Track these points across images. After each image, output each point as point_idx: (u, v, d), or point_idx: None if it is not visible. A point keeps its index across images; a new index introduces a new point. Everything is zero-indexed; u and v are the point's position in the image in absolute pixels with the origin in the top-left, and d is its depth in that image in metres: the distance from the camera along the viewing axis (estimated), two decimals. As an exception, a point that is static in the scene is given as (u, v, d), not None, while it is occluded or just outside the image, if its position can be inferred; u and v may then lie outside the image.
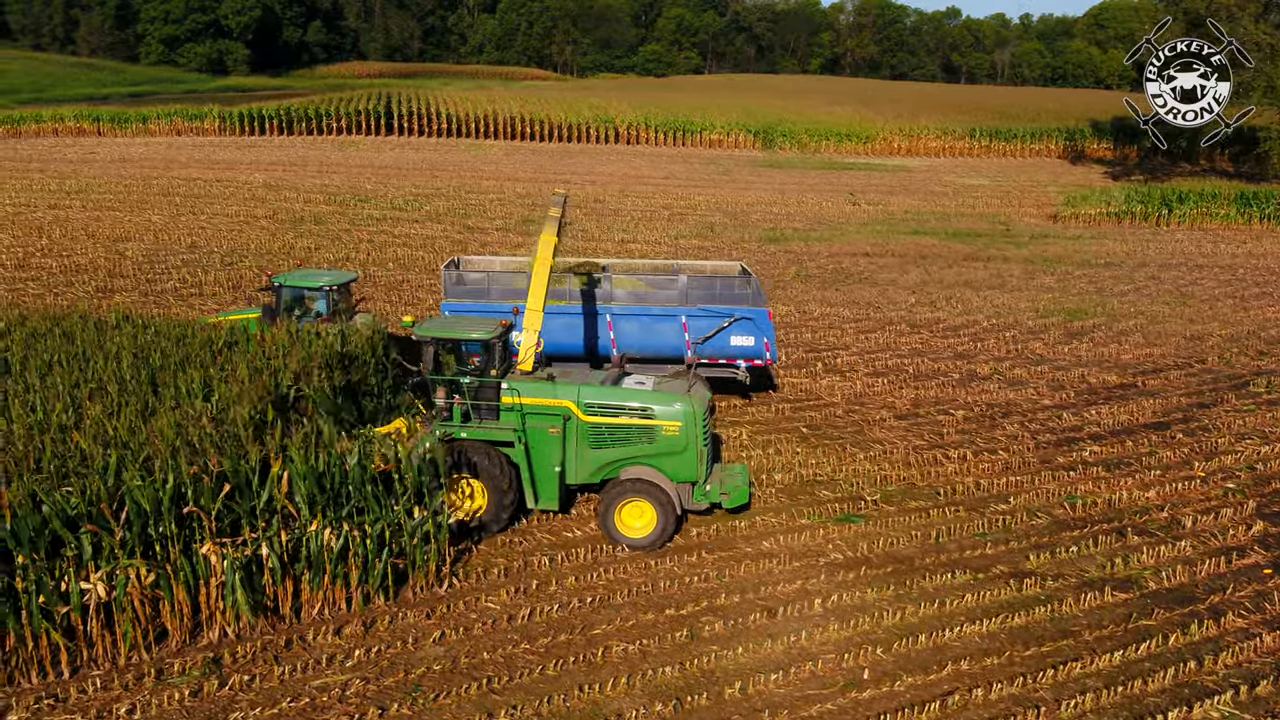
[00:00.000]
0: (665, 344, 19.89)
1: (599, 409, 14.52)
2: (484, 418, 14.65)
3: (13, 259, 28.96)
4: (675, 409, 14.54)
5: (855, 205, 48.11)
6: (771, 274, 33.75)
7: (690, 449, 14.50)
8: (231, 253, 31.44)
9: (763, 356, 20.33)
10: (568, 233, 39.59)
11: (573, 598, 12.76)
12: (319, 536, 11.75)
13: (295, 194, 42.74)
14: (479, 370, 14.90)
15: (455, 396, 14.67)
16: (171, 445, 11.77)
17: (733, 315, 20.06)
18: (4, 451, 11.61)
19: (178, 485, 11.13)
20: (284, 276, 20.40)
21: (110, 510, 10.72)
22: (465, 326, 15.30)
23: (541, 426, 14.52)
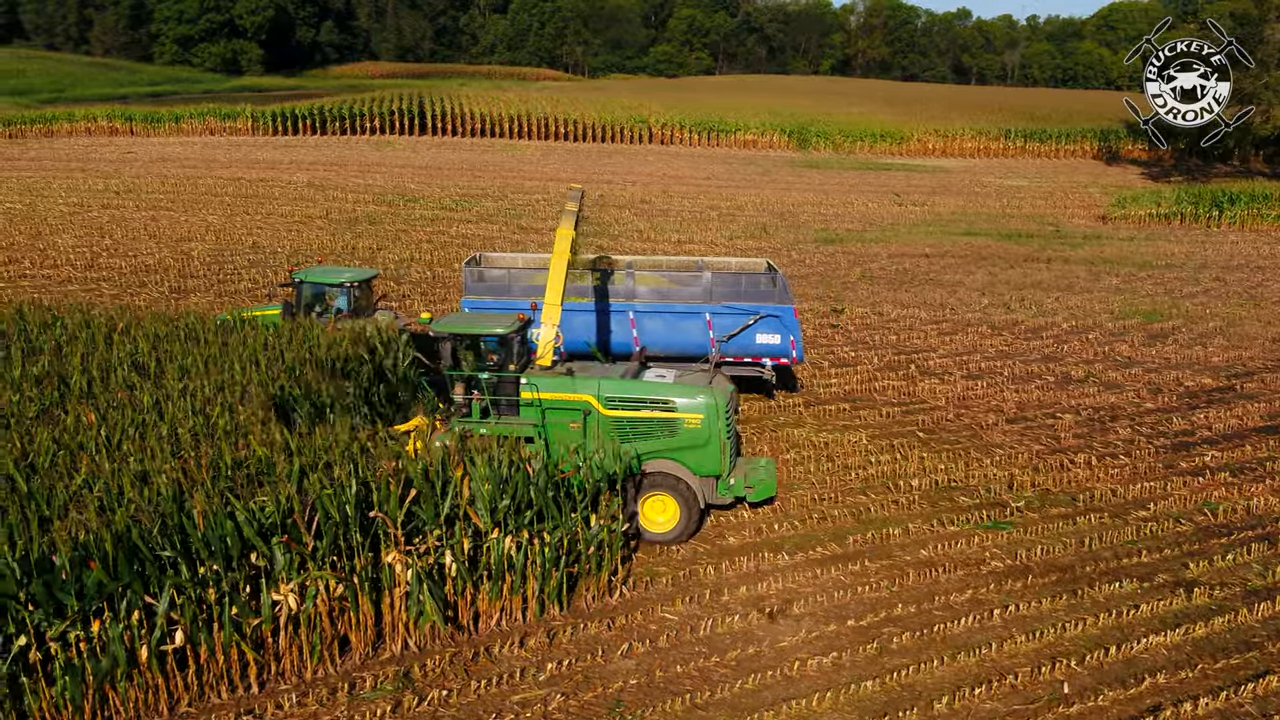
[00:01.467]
0: (689, 341, 19.47)
1: (620, 403, 14.33)
2: (503, 413, 14.48)
3: (81, 259, 28.57)
4: (697, 401, 14.31)
5: (901, 206, 47.78)
6: (836, 275, 33.42)
7: (713, 442, 14.23)
8: (295, 253, 31.07)
9: (789, 355, 19.88)
10: (622, 231, 39.45)
11: (748, 608, 12.39)
12: (500, 544, 11.37)
13: (341, 194, 42.38)
14: (497, 366, 14.68)
15: (474, 392, 14.47)
16: (345, 449, 11.40)
17: (758, 313, 19.62)
18: (177, 457, 11.24)
19: (363, 492, 10.76)
20: (305, 272, 20.09)
21: (302, 519, 10.35)
22: (483, 322, 15.09)
23: (562, 421, 14.31)
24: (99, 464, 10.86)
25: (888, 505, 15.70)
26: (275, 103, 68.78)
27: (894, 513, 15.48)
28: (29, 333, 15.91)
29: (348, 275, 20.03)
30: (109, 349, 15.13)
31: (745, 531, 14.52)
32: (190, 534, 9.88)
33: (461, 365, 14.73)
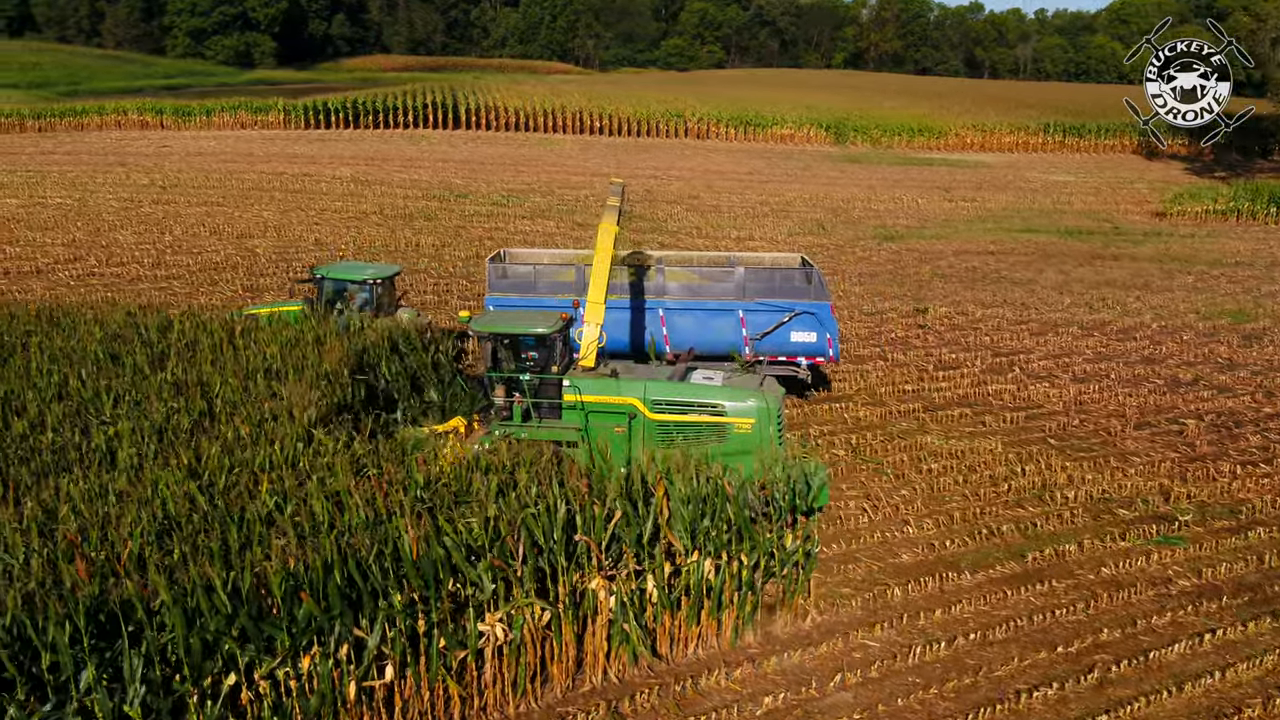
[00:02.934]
0: (721, 340, 18.68)
1: (667, 406, 13.77)
2: (545, 416, 13.85)
3: (147, 257, 27.81)
4: (748, 405, 13.75)
5: (952, 202, 47.05)
6: (907, 273, 32.73)
7: (764, 447, 13.57)
8: (360, 251, 30.32)
9: (825, 353, 19.12)
10: (679, 227, 38.70)
11: (951, 633, 11.70)
12: (699, 567, 10.67)
13: (387, 189, 41.60)
14: (539, 367, 14.03)
15: (515, 395, 13.83)
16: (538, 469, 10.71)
17: (793, 309, 18.86)
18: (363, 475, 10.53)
19: (569, 514, 10.05)
20: (326, 268, 19.36)
21: (514, 541, 9.64)
22: (524, 321, 14.43)
23: (606, 425, 13.75)
24: (282, 481, 10.14)
25: (1050, 519, 15.01)
26: (291, 96, 67.66)
27: (1059, 527, 14.79)
28: (146, 336, 15.19)
29: (370, 272, 19.31)
30: (235, 354, 14.42)
31: (917, 549, 13.82)
32: (404, 560, 9.17)
33: (501, 366, 14.11)
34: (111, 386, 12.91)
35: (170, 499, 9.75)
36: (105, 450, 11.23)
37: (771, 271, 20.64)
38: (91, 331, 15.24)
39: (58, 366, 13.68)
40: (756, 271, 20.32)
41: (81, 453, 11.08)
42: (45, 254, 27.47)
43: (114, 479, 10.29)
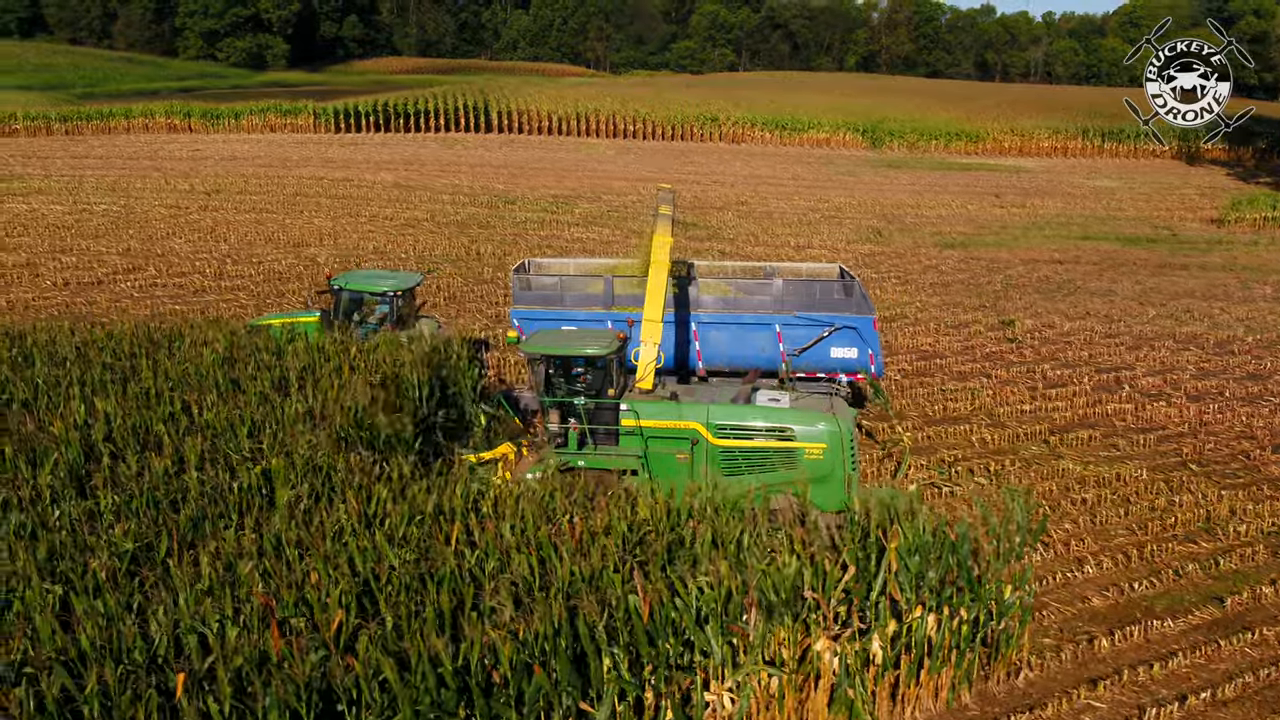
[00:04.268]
0: (757, 355, 17.72)
1: (732, 431, 12.84)
2: (602, 443, 12.95)
3: (208, 267, 26.82)
4: (819, 429, 12.83)
5: (1003, 208, 46.13)
6: (978, 284, 31.81)
7: (837, 474, 12.71)
8: (423, 259, 29.36)
9: (867, 370, 18.09)
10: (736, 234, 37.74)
11: (1177, 690, 10.74)
12: (923, 623, 9.70)
13: (431, 195, 40.65)
14: (594, 390, 13.12)
15: (570, 420, 12.92)
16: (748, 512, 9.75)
17: (833, 324, 17.87)
18: (550, 523, 9.55)
19: (798, 568, 9.09)
20: (344, 278, 18.30)
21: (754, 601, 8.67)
22: (577, 341, 13.52)
23: (667, 451, 12.86)
24: (482, 527, 9.16)
25: (1230, 556, 14.05)
26: (306, 98, 66.46)
27: (1242, 565, 13.84)
28: (260, 357, 14.22)
29: (391, 283, 18.30)
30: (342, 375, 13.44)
31: (1105, 591, 12.85)
32: (634, 624, 8.20)
33: (555, 389, 13.20)
34: (243, 416, 11.92)
35: (358, 554, 8.78)
36: (259, 492, 10.26)
37: (811, 284, 19.56)
38: (201, 352, 14.26)
39: (178, 392, 12.70)
40: (795, 283, 19.33)
41: (237, 495, 10.11)
42: (102, 263, 26.49)
43: (284, 528, 9.31)
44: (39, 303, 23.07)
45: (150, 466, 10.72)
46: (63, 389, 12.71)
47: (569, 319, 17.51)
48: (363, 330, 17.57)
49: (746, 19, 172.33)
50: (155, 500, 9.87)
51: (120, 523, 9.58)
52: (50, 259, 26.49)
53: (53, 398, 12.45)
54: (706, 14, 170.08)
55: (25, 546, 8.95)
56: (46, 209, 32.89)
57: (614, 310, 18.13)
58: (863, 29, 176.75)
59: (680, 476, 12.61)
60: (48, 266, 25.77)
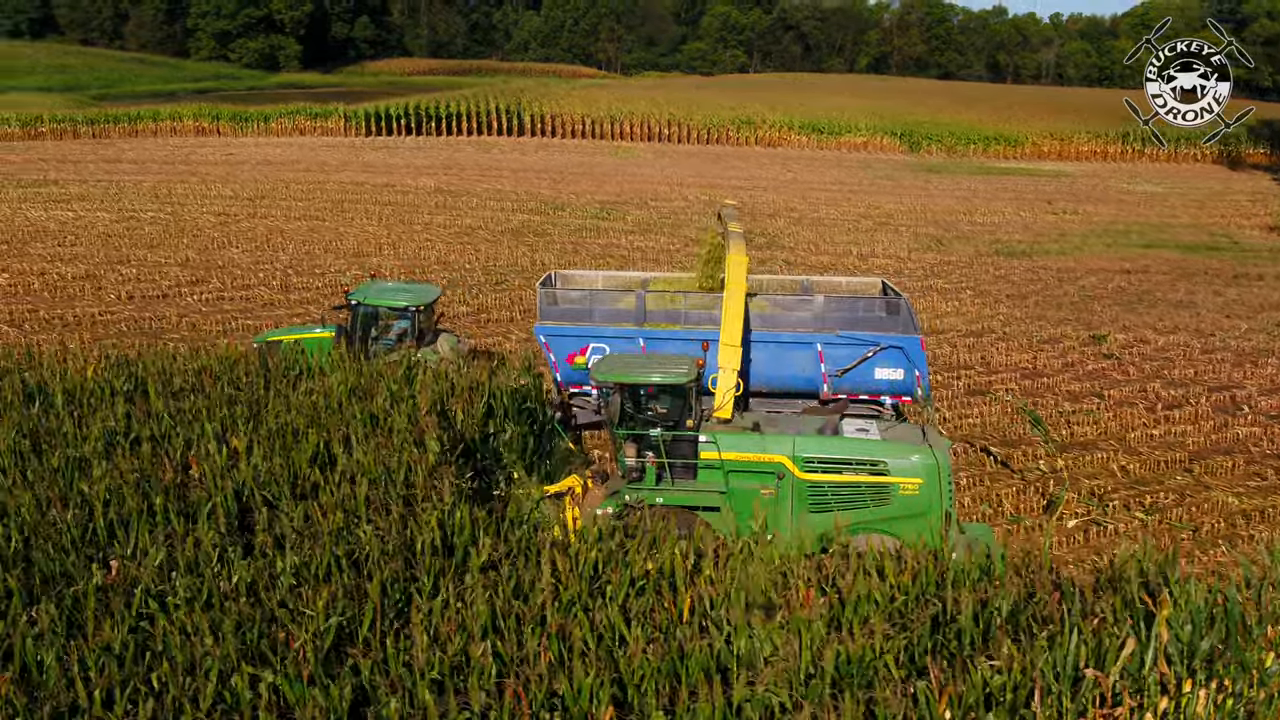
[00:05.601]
0: (796, 375, 16.44)
1: (820, 464, 12.00)
2: (679, 477, 12.09)
3: (272, 279, 25.84)
4: (913, 462, 11.99)
5: (1056, 215, 45.22)
6: (1053, 295, 30.92)
7: (933, 510, 11.84)
8: (489, 270, 28.41)
9: (913, 392, 16.75)
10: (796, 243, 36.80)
11: None
12: (1193, 701, 8.70)
13: (478, 201, 39.69)
14: (671, 420, 12.22)
15: (649, 454, 12.03)
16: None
17: (878, 343, 16.62)
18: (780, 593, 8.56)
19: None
20: (362, 292, 17.31)
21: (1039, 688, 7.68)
22: (654, 368, 12.57)
23: (749, 487, 12.01)
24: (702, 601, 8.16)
25: None
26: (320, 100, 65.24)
27: None
28: (390, 385, 13.22)
29: (409, 297, 17.39)
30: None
31: None
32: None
33: (631, 420, 12.31)
34: (402, 462, 10.93)
35: (587, 629, 7.79)
36: (442, 548, 9.28)
37: (854, 300, 18.39)
38: (326, 381, 13.28)
39: (314, 428, 11.71)
40: (838, 300, 18.16)
41: (424, 553, 9.11)
42: (163, 275, 25.52)
43: (493, 596, 8.31)
44: (105, 317, 22.11)
45: (313, 518, 9.74)
46: (192, 425, 11.72)
47: (597, 335, 16.47)
48: (380, 346, 16.70)
49: (758, 20, 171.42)
50: (337, 560, 8.88)
51: (301, 585, 8.60)
52: (109, 270, 25.53)
53: (182, 435, 11.46)
54: (717, 15, 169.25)
55: (211, 620, 7.96)
56: (93, 216, 31.91)
57: (646, 327, 17.33)
58: (874, 30, 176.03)
59: (763, 514, 11.71)
60: (109, 279, 24.81)
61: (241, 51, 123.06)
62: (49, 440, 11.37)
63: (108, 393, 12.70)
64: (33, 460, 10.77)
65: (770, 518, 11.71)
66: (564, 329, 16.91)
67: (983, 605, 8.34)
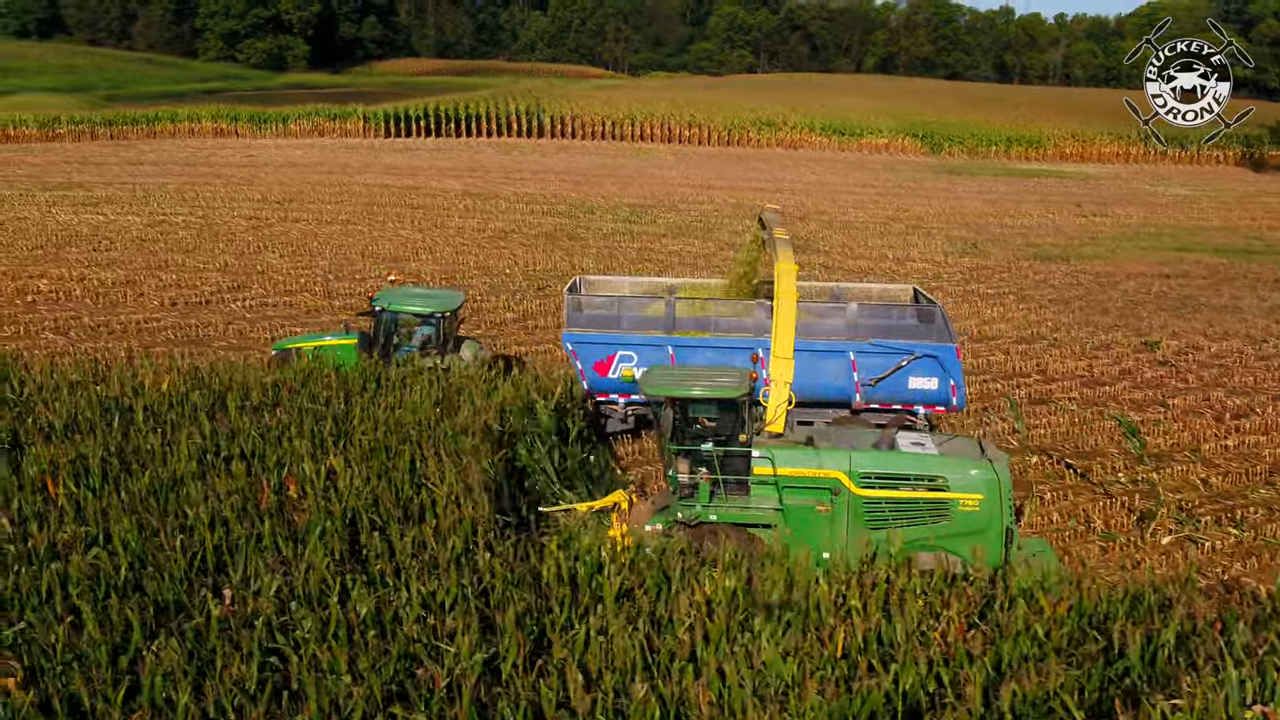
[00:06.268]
0: (828, 385, 16.34)
1: (877, 480, 11.64)
2: (732, 493, 11.75)
3: (314, 284, 25.45)
4: (974, 478, 11.63)
5: (1085, 218, 44.85)
6: (1097, 300, 30.52)
7: (993, 528, 11.50)
8: (530, 276, 28.02)
9: (948, 402, 16.76)
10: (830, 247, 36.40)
11: None
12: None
13: (507, 204, 39.29)
14: (723, 434, 11.91)
15: (702, 470, 11.68)
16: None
17: (912, 352, 16.54)
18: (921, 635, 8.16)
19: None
20: (386, 297, 16.82)
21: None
22: (706, 381, 12.22)
23: (804, 503, 11.66)
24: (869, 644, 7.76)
25: None
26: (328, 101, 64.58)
27: None
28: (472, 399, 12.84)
29: (434, 303, 16.96)
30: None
31: None
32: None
33: (682, 434, 11.96)
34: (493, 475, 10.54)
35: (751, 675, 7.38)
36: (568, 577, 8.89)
37: (888, 308, 18.25)
38: (407, 394, 12.90)
39: (406, 446, 11.31)
40: (872, 308, 18.03)
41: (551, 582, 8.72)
42: (203, 281, 25.11)
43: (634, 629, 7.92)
44: (151, 324, 21.72)
45: (426, 543, 9.35)
46: (279, 443, 11.34)
47: (625, 343, 16.36)
48: (401, 354, 16.32)
49: (765, 20, 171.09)
50: (464, 590, 8.49)
51: (430, 616, 8.22)
52: (149, 276, 25.12)
53: (275, 454, 11.08)
54: (725, 15, 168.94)
55: (347, 657, 7.58)
56: (124, 220, 31.49)
57: (675, 335, 16.96)
58: (881, 30, 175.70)
59: (819, 532, 11.56)
60: (149, 284, 24.40)
61: (249, 52, 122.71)
62: (136, 458, 11.01)
63: (187, 407, 12.32)
64: (125, 480, 10.40)
65: (825, 535, 11.51)
66: (591, 336, 16.58)
67: (1148, 639, 7.94)
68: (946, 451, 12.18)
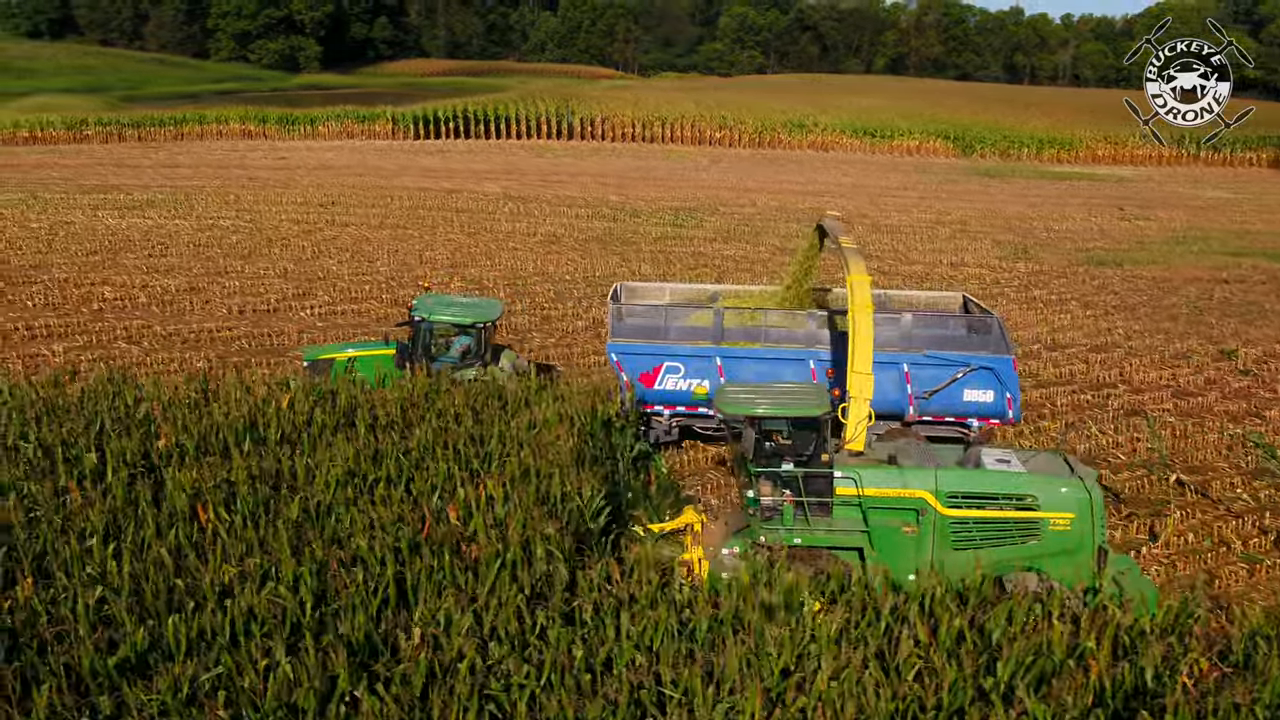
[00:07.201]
0: (881, 398, 15.21)
1: (964, 499, 11.26)
2: (815, 515, 11.34)
3: (380, 291, 24.96)
4: (1064, 495, 11.26)
5: (1129, 221, 44.39)
6: (1163, 307, 30.06)
7: (1085, 547, 11.13)
8: (592, 282, 27.54)
9: (1004, 415, 16.28)
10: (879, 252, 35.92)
11: None
12: None
13: (550, 208, 38.80)
14: (804, 454, 11.46)
15: (786, 491, 11.26)
16: None
17: (969, 364, 16.08)
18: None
19: None
20: (426, 307, 16.19)
21: None
22: (784, 399, 11.80)
23: (890, 524, 11.31)
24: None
25: None
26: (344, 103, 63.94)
27: None
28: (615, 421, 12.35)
29: (475, 313, 16.39)
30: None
31: None
32: None
33: (764, 455, 11.51)
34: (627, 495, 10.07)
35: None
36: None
37: (944, 318, 17.71)
38: (539, 408, 12.41)
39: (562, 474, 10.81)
40: (926, 318, 17.48)
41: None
42: (266, 287, 24.60)
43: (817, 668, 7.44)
44: (223, 333, 21.22)
45: (613, 576, 8.87)
46: (424, 465, 10.86)
47: (672, 354, 15.92)
48: (438, 364, 15.83)
49: (775, 21, 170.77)
50: (673, 629, 8.01)
51: (640, 655, 7.73)
52: (210, 282, 24.62)
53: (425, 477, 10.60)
54: (735, 16, 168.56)
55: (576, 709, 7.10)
56: (173, 225, 30.97)
57: (724, 345, 16.41)
58: (891, 31, 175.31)
59: (905, 554, 11.20)
60: (213, 291, 23.90)
61: (261, 52, 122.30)
62: (280, 482, 10.53)
63: (316, 427, 11.84)
64: (275, 506, 9.92)
65: (910, 556, 11.15)
66: (637, 347, 16.09)
67: None
68: (1034, 468, 11.78)
